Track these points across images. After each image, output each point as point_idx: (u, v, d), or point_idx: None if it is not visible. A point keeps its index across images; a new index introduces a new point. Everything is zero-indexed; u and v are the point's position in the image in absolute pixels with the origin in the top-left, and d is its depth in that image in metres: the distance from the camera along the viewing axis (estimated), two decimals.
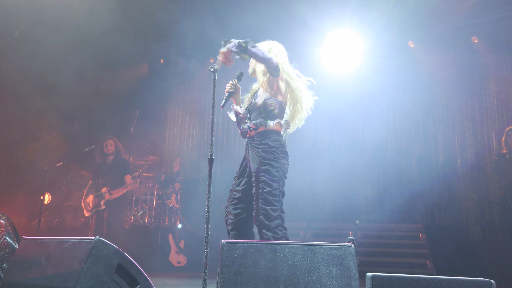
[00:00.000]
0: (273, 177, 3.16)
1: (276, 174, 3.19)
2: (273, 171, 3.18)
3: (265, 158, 3.20)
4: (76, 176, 8.38)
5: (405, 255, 6.21)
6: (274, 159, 3.22)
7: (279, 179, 3.21)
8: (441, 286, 1.87)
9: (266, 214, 3.08)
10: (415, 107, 8.99)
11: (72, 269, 2.37)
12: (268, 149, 3.22)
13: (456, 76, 8.86)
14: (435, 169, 8.43)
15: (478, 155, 8.40)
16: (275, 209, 3.13)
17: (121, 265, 2.52)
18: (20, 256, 2.63)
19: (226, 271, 2.15)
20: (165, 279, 5.44)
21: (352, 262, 2.20)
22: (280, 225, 3.13)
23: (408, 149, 8.73)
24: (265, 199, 3.11)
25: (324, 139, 9.33)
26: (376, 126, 9.16)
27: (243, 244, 2.25)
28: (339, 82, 9.50)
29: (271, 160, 3.20)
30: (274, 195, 3.15)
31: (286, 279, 2.14)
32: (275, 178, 3.17)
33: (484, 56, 8.61)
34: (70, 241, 2.52)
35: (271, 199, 3.12)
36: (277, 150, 3.26)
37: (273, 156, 3.22)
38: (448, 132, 8.73)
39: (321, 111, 9.40)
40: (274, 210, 3.12)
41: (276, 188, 3.17)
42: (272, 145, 3.24)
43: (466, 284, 1.86)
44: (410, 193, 8.48)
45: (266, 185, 3.13)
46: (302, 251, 2.24)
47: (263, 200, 3.11)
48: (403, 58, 9.15)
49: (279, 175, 3.21)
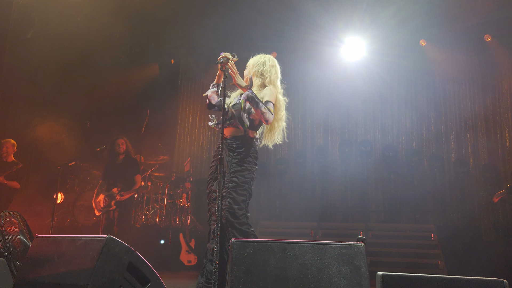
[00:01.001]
0: (244, 179, 3.27)
1: (248, 176, 3.29)
2: (245, 174, 3.28)
3: (240, 162, 3.28)
4: (88, 175, 8.46)
5: (417, 255, 6.16)
6: (248, 163, 3.32)
7: (249, 181, 3.32)
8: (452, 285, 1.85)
9: (233, 212, 3.17)
10: (426, 107, 8.92)
11: (84, 267, 2.39)
12: (244, 154, 3.30)
13: (469, 75, 8.76)
14: (447, 169, 8.35)
15: (491, 154, 8.30)
16: (241, 207, 3.22)
17: (132, 263, 2.53)
18: (33, 254, 2.67)
19: (236, 269, 2.15)
20: (175, 278, 5.47)
21: (362, 261, 2.19)
22: (246, 223, 3.23)
23: (420, 149, 8.66)
24: (233, 199, 3.20)
25: (335, 140, 9.30)
26: (387, 125, 9.10)
27: (253, 242, 2.25)
28: (350, 82, 9.46)
29: (245, 164, 3.30)
30: (243, 195, 3.26)
31: (296, 278, 2.14)
32: (246, 179, 3.28)
33: (497, 55, 8.50)
34: (82, 239, 2.54)
35: (239, 199, 3.22)
36: (252, 155, 3.36)
37: (248, 160, 3.32)
38: (460, 131, 8.64)
39: (332, 111, 9.43)
40: (240, 208, 3.21)
41: (245, 189, 3.27)
42: (247, 152, 3.32)
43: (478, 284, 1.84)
44: (421, 193, 8.41)
45: (236, 186, 3.23)
46: (312, 250, 2.23)
47: (231, 199, 3.19)
48: (414, 57, 9.08)
49: (250, 177, 3.32)
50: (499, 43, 8.43)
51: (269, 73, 3.46)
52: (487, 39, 8.38)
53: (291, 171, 9.20)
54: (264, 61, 3.55)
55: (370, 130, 9.18)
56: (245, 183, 3.26)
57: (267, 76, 3.47)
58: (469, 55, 8.76)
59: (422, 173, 8.55)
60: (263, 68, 3.49)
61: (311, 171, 9.25)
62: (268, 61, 3.57)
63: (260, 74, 3.49)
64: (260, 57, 3.60)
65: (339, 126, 9.36)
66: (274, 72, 3.54)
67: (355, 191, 8.92)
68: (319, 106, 9.55)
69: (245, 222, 3.21)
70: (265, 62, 3.55)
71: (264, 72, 3.48)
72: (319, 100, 9.59)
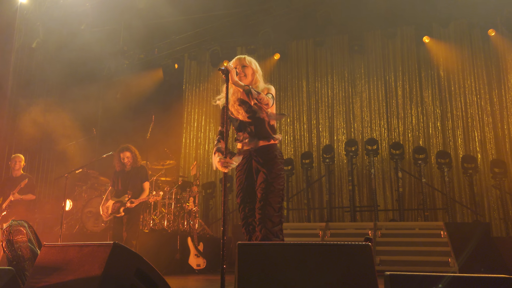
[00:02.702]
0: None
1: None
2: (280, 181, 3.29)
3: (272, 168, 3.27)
4: (95, 182, 8.50)
5: (427, 253, 6.11)
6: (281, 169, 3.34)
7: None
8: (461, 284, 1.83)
9: (271, 220, 3.15)
10: (432, 103, 8.88)
11: (92, 274, 2.40)
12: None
13: (474, 70, 8.71)
14: (455, 165, 8.29)
15: (499, 149, 8.23)
16: (279, 215, 3.20)
17: (140, 269, 2.53)
18: (41, 262, 2.68)
19: (242, 272, 2.15)
20: (185, 282, 5.47)
21: (369, 261, 2.17)
22: (281, 229, 3.22)
23: (427, 146, 8.61)
24: (271, 205, 3.17)
25: (341, 138, 9.27)
26: (393, 123, 9.06)
27: (259, 245, 2.25)
28: (355, 79, 9.44)
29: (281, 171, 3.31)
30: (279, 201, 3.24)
31: (303, 279, 2.13)
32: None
33: (501, 49, 8.45)
34: (89, 246, 2.55)
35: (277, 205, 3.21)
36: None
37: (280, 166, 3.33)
38: (467, 127, 8.58)
39: (337, 110, 9.41)
40: (278, 216, 3.19)
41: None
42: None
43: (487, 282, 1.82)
44: (430, 190, 8.35)
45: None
46: (319, 251, 2.22)
47: (270, 206, 3.16)
48: (419, 53, 9.05)
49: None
50: (503, 37, 8.37)
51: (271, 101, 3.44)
52: (491, 34, 8.32)
53: (298, 172, 9.18)
54: (256, 65, 3.56)
55: (376, 128, 9.14)
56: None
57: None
58: (474, 50, 8.71)
59: (430, 170, 8.50)
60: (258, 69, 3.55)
61: (317, 171, 9.23)
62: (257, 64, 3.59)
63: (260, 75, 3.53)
64: (250, 60, 3.55)
65: (344, 125, 9.34)
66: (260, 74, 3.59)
67: (363, 190, 8.89)
68: (324, 106, 9.54)
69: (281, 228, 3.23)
70: (257, 65, 3.57)
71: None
72: (324, 99, 9.57)
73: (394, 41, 9.22)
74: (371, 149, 8.10)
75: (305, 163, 8.54)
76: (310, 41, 9.80)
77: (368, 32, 9.32)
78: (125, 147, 5.96)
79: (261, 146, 3.32)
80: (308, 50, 9.88)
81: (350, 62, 9.52)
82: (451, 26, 8.77)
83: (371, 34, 9.36)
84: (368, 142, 8.23)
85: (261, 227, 3.14)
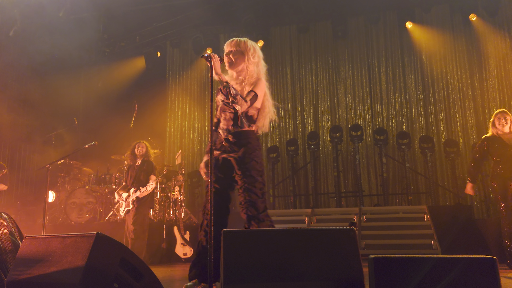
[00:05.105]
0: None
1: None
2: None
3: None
4: (78, 173, 8.39)
5: (411, 236, 6.21)
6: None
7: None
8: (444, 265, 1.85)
9: (256, 205, 3.14)
10: (415, 88, 8.94)
11: (75, 265, 2.37)
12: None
13: (455, 55, 8.78)
14: (438, 150, 8.39)
15: (480, 133, 8.35)
16: (263, 200, 3.20)
17: (125, 258, 2.51)
18: (23, 254, 2.63)
19: (228, 259, 2.14)
20: (172, 271, 5.46)
21: (354, 245, 2.19)
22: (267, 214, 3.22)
23: (410, 131, 8.69)
24: (254, 192, 3.16)
25: (326, 125, 9.30)
26: (376, 109, 9.11)
27: (244, 232, 2.24)
28: (339, 66, 9.45)
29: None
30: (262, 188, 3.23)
31: (288, 264, 2.13)
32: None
33: (482, 34, 8.52)
34: (72, 237, 2.52)
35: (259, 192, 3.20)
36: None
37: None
38: (449, 111, 8.68)
39: (321, 97, 9.42)
40: (262, 201, 3.18)
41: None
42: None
43: (470, 262, 1.85)
44: (413, 175, 8.46)
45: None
46: (304, 237, 2.23)
47: (253, 193, 3.15)
48: (402, 39, 9.08)
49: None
50: (485, 22, 8.44)
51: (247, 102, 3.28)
52: (472, 19, 8.38)
53: (283, 159, 9.19)
54: (253, 47, 3.37)
55: (360, 114, 9.19)
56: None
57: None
58: (455, 35, 8.77)
59: (413, 155, 8.60)
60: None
61: (303, 158, 9.26)
62: (257, 48, 3.41)
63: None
64: (248, 43, 3.36)
65: (329, 112, 9.37)
66: (262, 63, 3.45)
67: (348, 176, 8.96)
68: (308, 93, 9.53)
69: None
70: (255, 49, 3.38)
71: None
72: (308, 86, 9.57)
73: (377, 27, 9.22)
74: (356, 135, 8.15)
75: (290, 150, 8.56)
76: (294, 27, 9.74)
77: (352, 17, 9.29)
78: (140, 140, 6.45)
79: (236, 132, 3.27)
80: (292, 37, 9.83)
81: (333, 48, 9.51)
82: (433, 11, 8.80)
83: (354, 20, 9.34)
84: (353, 128, 8.27)
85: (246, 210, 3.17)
